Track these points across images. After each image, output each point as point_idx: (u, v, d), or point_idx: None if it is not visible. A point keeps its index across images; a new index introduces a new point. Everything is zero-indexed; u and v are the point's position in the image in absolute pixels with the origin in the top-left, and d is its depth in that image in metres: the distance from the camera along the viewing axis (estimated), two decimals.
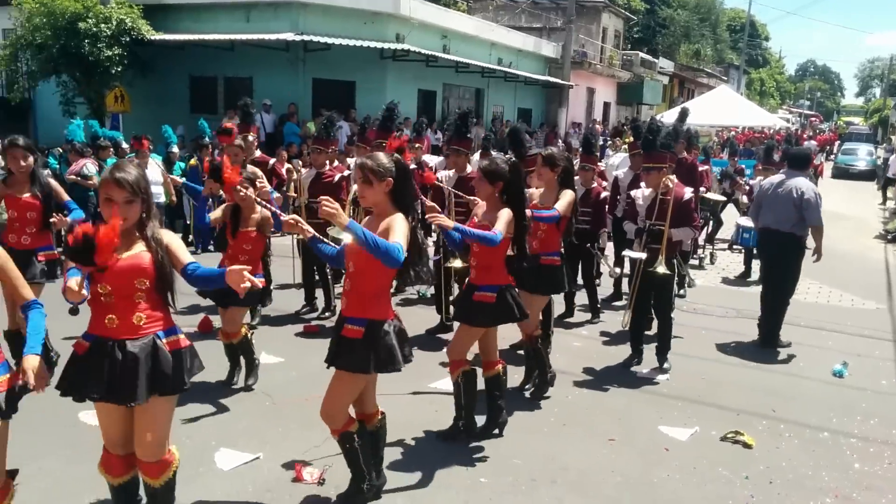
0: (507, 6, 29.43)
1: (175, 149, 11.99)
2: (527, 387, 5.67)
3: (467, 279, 4.80)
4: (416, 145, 9.16)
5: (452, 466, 4.38)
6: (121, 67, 16.27)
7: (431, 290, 7.81)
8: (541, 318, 5.75)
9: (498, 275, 4.58)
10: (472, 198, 4.92)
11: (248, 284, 2.91)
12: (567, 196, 5.33)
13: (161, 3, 17.80)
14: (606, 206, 7.49)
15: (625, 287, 8.31)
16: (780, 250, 6.96)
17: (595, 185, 7.41)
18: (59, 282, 4.39)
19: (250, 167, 6.79)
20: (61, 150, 11.99)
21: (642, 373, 6.18)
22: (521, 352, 5.75)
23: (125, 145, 11.96)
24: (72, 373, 3.06)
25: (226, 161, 5.48)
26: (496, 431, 4.83)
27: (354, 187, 7.12)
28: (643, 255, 6.03)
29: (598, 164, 8.36)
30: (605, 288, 8.58)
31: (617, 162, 11.21)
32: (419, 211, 4.09)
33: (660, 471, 4.45)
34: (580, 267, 7.61)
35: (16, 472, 3.08)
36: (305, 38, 16.29)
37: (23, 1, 16.23)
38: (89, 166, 10.44)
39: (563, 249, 5.56)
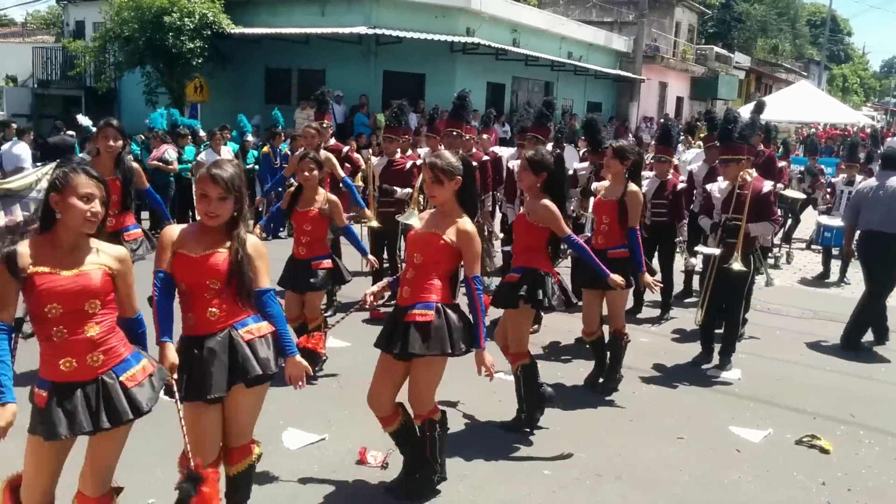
0: (578, 0, 29.07)
1: (250, 137, 12.31)
2: (599, 381, 5.60)
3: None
4: (485, 136, 9.17)
5: (515, 458, 4.36)
6: (201, 59, 16.80)
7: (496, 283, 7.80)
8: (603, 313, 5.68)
9: (540, 260, 4.61)
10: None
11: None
12: (636, 200, 5.24)
13: None
14: (684, 198, 7.30)
15: (696, 284, 8.14)
16: (885, 252, 6.72)
17: (671, 176, 7.25)
18: (150, 258, 4.61)
19: (323, 152, 6.92)
20: (143, 138, 12.43)
21: (713, 372, 6.03)
22: (588, 345, 5.67)
23: (202, 133, 12.34)
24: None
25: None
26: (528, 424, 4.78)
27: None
28: (716, 251, 5.87)
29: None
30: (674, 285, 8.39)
31: (689, 157, 10.95)
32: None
33: (731, 472, 4.33)
34: (656, 260, 7.47)
35: (121, 489, 3.02)
36: (378, 31, 16.47)
37: None
38: (170, 152, 10.82)
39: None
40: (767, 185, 5.88)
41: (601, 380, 5.57)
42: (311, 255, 5.42)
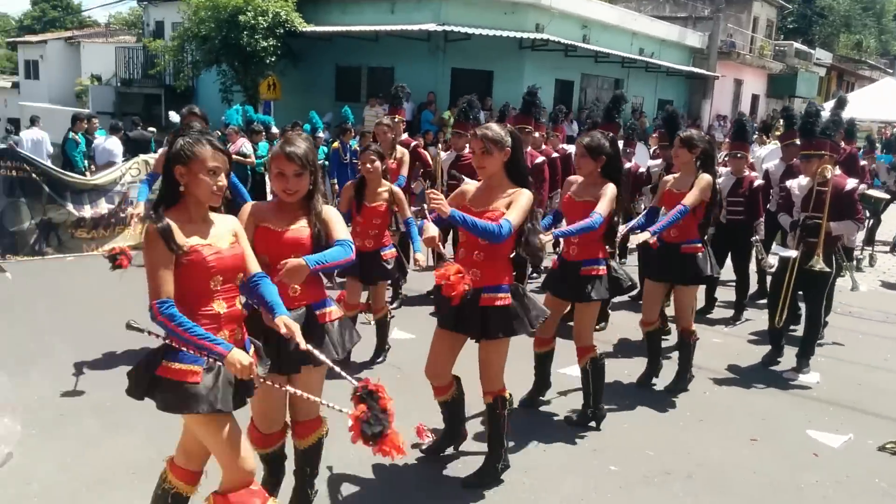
0: None
1: (321, 134, 12.53)
2: (653, 381, 5.46)
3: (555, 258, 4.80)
4: (555, 134, 9.08)
5: (580, 453, 4.31)
6: (274, 58, 17.21)
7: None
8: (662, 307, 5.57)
9: (599, 248, 4.53)
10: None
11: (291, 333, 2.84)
12: (702, 181, 5.01)
13: None
14: (761, 195, 7.05)
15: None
16: None
17: (747, 173, 7.03)
18: None
19: (399, 148, 6.98)
20: (220, 133, 12.79)
21: (789, 374, 5.82)
22: (644, 337, 5.54)
23: (275, 130, 12.64)
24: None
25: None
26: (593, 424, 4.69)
27: None
28: (794, 254, 5.63)
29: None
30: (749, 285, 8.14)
31: (764, 154, 10.61)
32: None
33: (808, 476, 4.17)
34: (730, 260, 7.28)
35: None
36: (447, 28, 16.51)
37: None
38: (247, 145, 11.14)
39: (705, 237, 5.33)
40: (851, 183, 5.62)
41: (663, 380, 5.45)
42: (379, 246, 5.45)
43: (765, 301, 7.78)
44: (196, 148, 2.65)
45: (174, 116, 8.35)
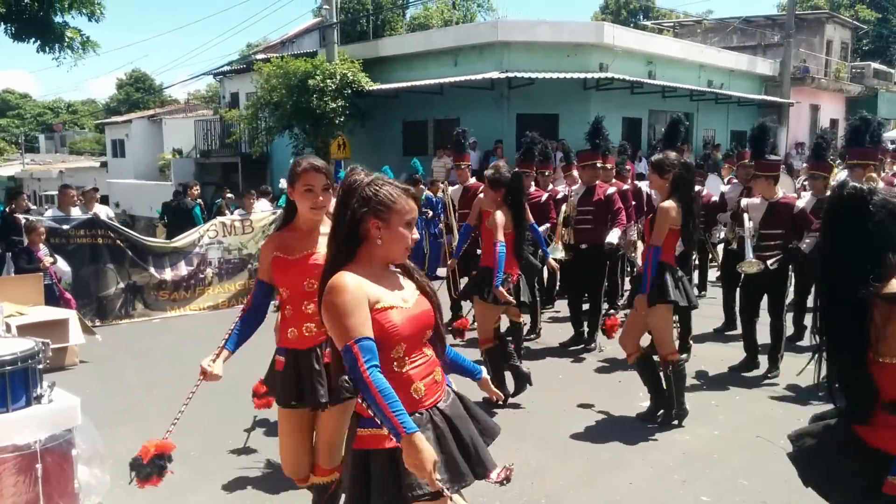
0: (717, 27, 28.20)
1: None
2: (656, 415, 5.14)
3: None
4: (628, 168, 8.99)
5: (669, 486, 4.11)
6: (343, 118, 17.75)
7: None
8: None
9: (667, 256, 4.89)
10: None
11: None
12: (660, 212, 4.82)
13: (378, 56, 19.29)
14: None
15: None
16: None
17: (829, 193, 6.74)
18: None
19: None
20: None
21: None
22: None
23: None
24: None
25: None
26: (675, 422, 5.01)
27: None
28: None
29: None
30: None
31: (843, 177, 10.19)
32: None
33: None
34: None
35: None
36: (510, 74, 16.70)
37: (263, 66, 18.33)
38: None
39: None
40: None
41: (661, 411, 5.11)
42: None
43: None
44: (296, 170, 2.99)
45: (283, 183, 8.65)
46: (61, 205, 9.85)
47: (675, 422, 4.95)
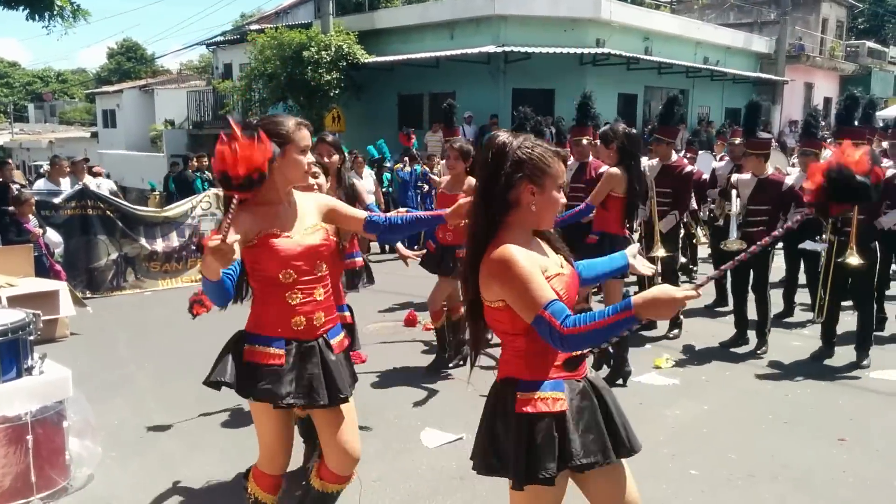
0: (714, 4, 28.01)
1: (388, 163, 12.78)
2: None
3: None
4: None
5: (659, 458, 4.14)
6: (338, 90, 17.62)
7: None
8: None
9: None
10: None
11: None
12: (605, 176, 5.19)
13: (373, 28, 19.10)
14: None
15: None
16: None
17: None
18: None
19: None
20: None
21: (877, 374, 5.51)
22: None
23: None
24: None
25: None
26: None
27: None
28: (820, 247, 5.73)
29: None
30: None
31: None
32: None
33: None
34: (802, 265, 7.03)
35: None
36: (506, 49, 16.57)
37: (257, 37, 18.13)
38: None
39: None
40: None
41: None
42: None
43: (847, 303, 7.47)
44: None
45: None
46: (52, 175, 9.78)
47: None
